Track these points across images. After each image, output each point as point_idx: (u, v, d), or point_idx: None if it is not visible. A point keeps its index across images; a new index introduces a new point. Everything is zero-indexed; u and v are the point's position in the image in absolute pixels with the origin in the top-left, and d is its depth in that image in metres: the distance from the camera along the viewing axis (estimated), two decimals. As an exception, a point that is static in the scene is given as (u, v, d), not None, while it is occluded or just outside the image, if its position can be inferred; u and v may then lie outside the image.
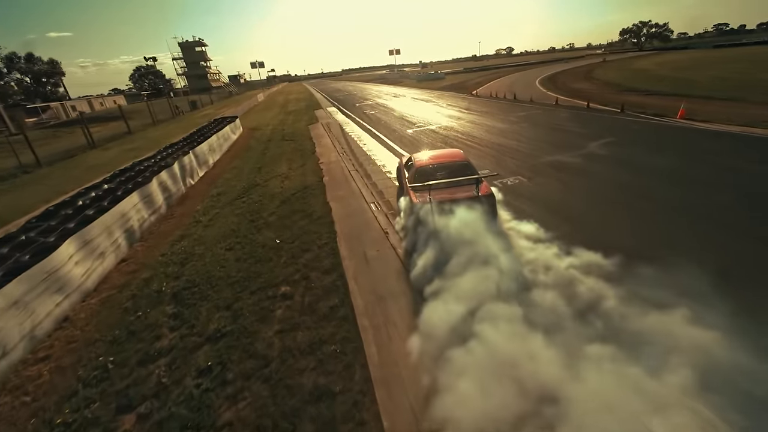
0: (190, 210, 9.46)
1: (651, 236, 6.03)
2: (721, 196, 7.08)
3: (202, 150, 13.41)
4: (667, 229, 6.15)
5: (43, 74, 55.08)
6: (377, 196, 9.02)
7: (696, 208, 6.67)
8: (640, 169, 8.90)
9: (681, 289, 4.02)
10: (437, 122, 18.34)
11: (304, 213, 8.36)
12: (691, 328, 3.60)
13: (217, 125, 19.07)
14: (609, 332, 3.79)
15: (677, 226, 6.19)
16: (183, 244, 7.44)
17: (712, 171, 8.36)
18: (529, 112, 18.41)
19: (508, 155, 11.27)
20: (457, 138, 14.17)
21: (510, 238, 5.96)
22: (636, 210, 6.90)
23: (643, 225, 6.38)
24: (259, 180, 11.43)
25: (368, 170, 11.27)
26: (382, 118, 21.64)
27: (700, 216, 6.41)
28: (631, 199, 7.36)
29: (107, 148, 17.83)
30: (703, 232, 5.93)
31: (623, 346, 3.54)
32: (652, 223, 6.42)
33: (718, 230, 5.93)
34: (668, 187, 7.75)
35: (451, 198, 5.78)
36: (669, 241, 5.79)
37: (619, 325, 3.90)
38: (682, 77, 26.59)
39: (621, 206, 7.12)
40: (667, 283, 4.17)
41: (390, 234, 6.93)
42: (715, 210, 6.54)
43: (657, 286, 4.17)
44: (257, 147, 16.98)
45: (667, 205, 6.92)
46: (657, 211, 6.79)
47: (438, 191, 5.94)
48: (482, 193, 5.87)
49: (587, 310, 4.18)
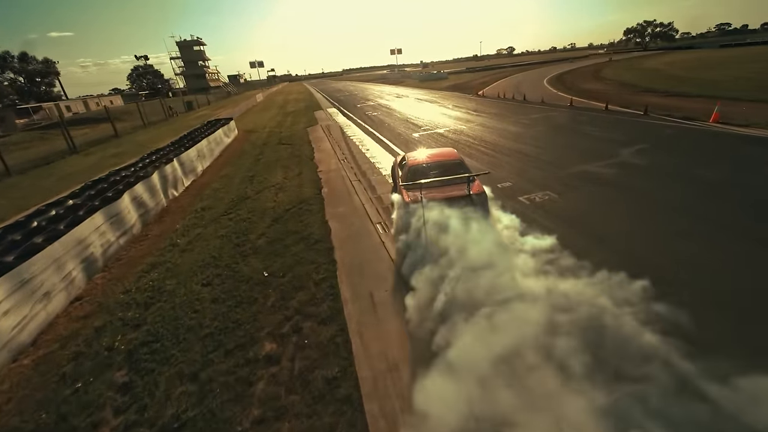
0: (168, 229, 8.23)
1: (740, 280, 4.78)
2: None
3: (189, 157, 12.18)
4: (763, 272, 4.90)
5: (37, 74, 53.85)
6: (384, 213, 7.78)
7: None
8: (689, 183, 7.65)
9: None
10: (445, 125, 17.10)
11: (299, 235, 7.13)
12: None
13: (209, 128, 17.87)
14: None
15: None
16: (153, 275, 6.21)
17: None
18: (543, 114, 17.16)
19: (530, 164, 10.02)
20: (469, 143, 12.93)
21: (549, 278, 4.72)
22: (705, 241, 5.64)
23: (726, 262, 5.12)
24: (250, 191, 10.20)
25: (372, 181, 10.04)
26: (386, 121, 20.40)
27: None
28: (692, 225, 6.10)
29: (89, 153, 16.62)
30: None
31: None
32: (736, 259, 5.17)
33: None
34: (737, 208, 6.49)
35: (443, 197, 5.69)
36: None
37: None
38: (701, 77, 25.31)
39: (684, 236, 5.84)
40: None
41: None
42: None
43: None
44: (251, 152, 15.76)
45: (747, 235, 5.63)
46: (734, 238, 5.54)
47: (430, 190, 5.88)
48: (474, 192, 5.77)
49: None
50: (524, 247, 5.42)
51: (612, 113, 15.98)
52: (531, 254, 5.20)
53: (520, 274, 4.60)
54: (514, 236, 5.85)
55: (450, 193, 5.83)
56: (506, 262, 4.73)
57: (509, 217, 6.46)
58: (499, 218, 6.44)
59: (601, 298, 4.04)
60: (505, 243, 5.53)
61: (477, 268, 4.54)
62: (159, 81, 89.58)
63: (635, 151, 9.97)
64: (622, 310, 3.88)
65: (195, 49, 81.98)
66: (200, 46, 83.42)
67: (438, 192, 5.87)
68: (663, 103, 17.02)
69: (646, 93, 21.27)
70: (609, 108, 16.92)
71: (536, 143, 12.09)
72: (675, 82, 24.37)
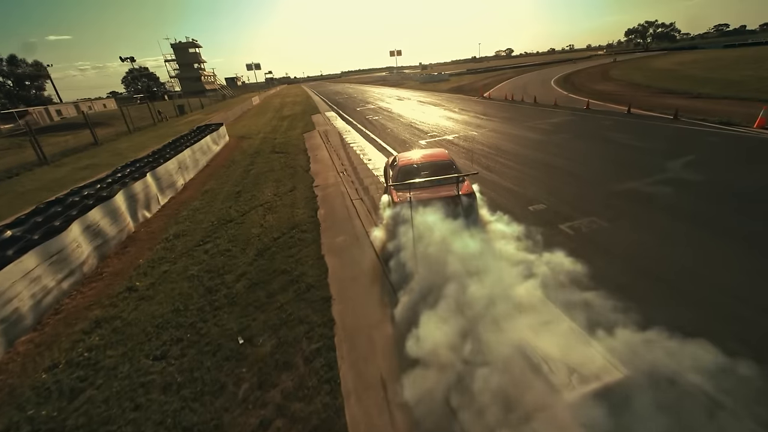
0: (129, 264, 6.75)
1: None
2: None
3: (167, 170, 10.71)
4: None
5: (26, 77, 52.27)
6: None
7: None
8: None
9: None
10: (453, 130, 15.66)
11: (289, 276, 5.67)
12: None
13: (196, 135, 16.43)
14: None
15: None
16: (93, 339, 4.73)
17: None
18: (561, 119, 15.73)
19: (561, 180, 8.58)
20: (485, 153, 11.48)
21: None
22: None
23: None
24: (235, 212, 8.73)
25: (377, 199, 8.57)
26: (388, 126, 18.96)
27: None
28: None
29: (60, 165, 15.11)
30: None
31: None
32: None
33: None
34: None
35: (432, 197, 5.63)
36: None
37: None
38: (720, 78, 23.93)
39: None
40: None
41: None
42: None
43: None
44: (242, 162, 14.29)
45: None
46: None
47: (419, 190, 5.85)
48: (463, 192, 5.69)
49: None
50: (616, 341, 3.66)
51: (637, 117, 14.55)
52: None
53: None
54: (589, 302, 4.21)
55: (439, 193, 5.74)
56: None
57: (567, 261, 4.94)
58: (554, 261, 4.94)
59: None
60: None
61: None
62: (155, 84, 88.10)
63: (684, 165, 8.53)
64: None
65: (190, 51, 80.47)
66: (196, 48, 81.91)
67: (427, 192, 5.80)
68: (690, 105, 15.60)
69: (666, 95, 19.89)
70: (632, 111, 15.50)
71: (563, 153, 10.64)
72: (693, 82, 22.98)
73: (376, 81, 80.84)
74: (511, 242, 5.56)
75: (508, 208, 7.18)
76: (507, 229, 5.92)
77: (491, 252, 5.21)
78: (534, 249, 5.29)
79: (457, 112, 21.26)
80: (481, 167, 9.90)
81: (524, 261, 4.98)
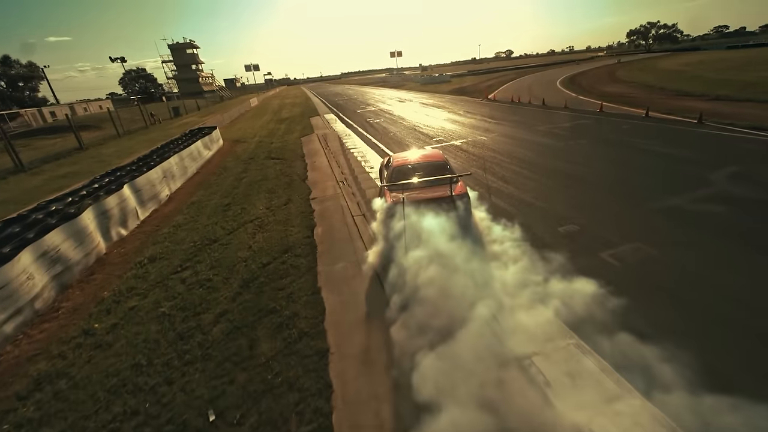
0: (92, 297, 5.75)
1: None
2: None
3: (150, 180, 9.72)
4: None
5: (20, 78, 51.22)
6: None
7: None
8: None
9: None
10: (460, 135, 14.69)
11: (277, 319, 4.68)
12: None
13: (187, 139, 15.46)
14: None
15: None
16: (24, 414, 3.72)
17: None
18: (575, 122, 14.76)
19: (590, 194, 7.61)
20: (497, 160, 10.51)
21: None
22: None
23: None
24: (221, 230, 7.74)
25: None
26: (390, 129, 17.99)
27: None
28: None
29: (38, 172, 14.09)
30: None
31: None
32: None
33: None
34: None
35: (425, 198, 5.57)
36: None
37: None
38: (735, 79, 22.98)
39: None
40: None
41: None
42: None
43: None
44: (234, 169, 13.31)
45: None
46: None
47: (412, 191, 5.80)
48: (456, 193, 5.63)
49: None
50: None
51: (657, 121, 13.59)
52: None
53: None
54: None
55: (432, 194, 5.69)
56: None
57: (625, 308, 3.98)
58: (610, 308, 3.98)
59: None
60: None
61: None
62: (152, 85, 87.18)
63: (730, 177, 7.55)
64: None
65: (188, 52, 79.40)
66: (193, 49, 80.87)
67: (420, 193, 5.76)
68: (711, 108, 14.64)
69: (681, 97, 18.94)
70: (650, 115, 14.54)
71: (585, 162, 9.68)
72: (707, 84, 22.05)
73: (376, 82, 79.96)
74: (548, 279, 4.59)
75: (533, 228, 6.21)
76: (541, 264, 4.94)
77: (528, 291, 4.25)
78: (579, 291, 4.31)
79: (462, 114, 20.29)
80: (496, 178, 8.94)
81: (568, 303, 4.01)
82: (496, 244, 5.59)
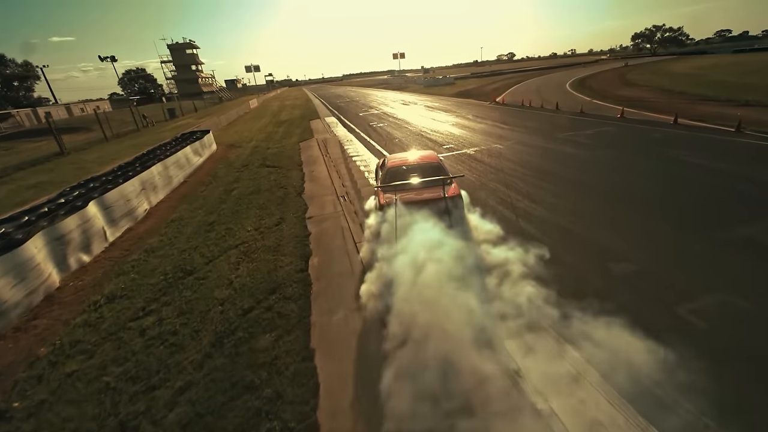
0: (25, 356, 4.54)
1: None
2: None
3: (124, 194, 8.54)
4: None
5: (14, 78, 50.14)
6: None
7: None
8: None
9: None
10: (472, 142, 13.49)
11: (254, 402, 3.49)
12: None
13: (177, 144, 14.31)
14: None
15: None
16: None
17: None
18: (597, 129, 13.55)
19: (638, 219, 6.39)
20: (519, 173, 9.31)
21: None
22: None
23: None
24: (199, 258, 6.55)
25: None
26: (395, 135, 16.81)
27: None
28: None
29: (6, 181, 12.72)
30: None
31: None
32: None
33: None
34: None
35: (418, 199, 5.54)
36: None
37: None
38: (761, 84, 21.78)
39: None
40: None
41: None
42: None
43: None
44: (225, 178, 12.13)
45: None
46: None
47: (405, 192, 5.75)
48: (449, 195, 5.58)
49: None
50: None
51: (690, 129, 12.37)
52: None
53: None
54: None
55: (425, 195, 5.65)
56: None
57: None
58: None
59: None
60: None
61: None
62: (152, 86, 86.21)
63: (808, 200, 6.33)
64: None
65: (187, 52, 78.30)
66: (193, 50, 79.78)
67: (414, 194, 5.71)
68: (747, 115, 13.41)
69: (706, 102, 17.75)
70: (679, 122, 13.33)
71: (621, 177, 8.46)
72: (730, 89, 20.84)
73: (378, 84, 78.88)
74: (614, 363, 3.39)
75: (577, 267, 5.01)
76: (600, 333, 3.72)
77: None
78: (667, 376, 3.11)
79: (471, 119, 19.09)
80: (520, 195, 7.75)
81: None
82: (529, 295, 4.33)
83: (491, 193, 8.13)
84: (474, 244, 5.39)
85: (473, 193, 7.94)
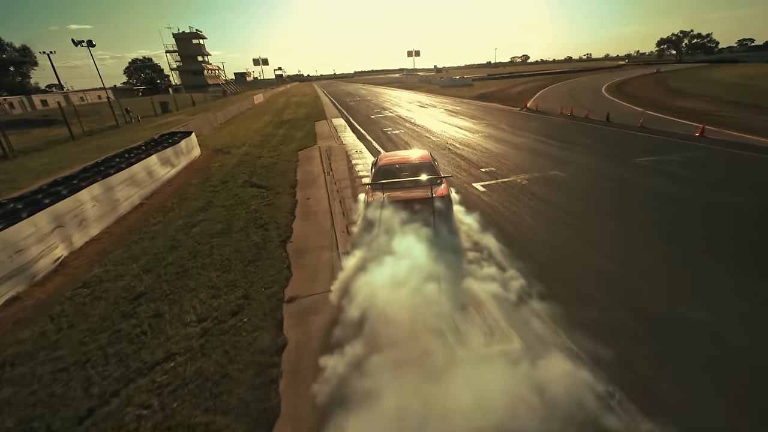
0: None
1: None
2: None
3: (9, 240, 5.57)
4: None
5: (10, 63, 47.75)
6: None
7: None
8: None
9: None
10: (518, 165, 10.36)
11: None
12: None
13: (149, 149, 11.47)
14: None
15: None
16: None
17: None
18: (683, 154, 10.30)
19: None
20: (610, 227, 6.19)
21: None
22: None
23: None
24: (77, 400, 3.53)
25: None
26: (416, 148, 13.69)
27: None
28: None
29: None
30: None
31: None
32: None
33: None
34: None
35: (406, 198, 5.57)
36: None
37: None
38: None
39: None
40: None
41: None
42: None
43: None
44: (194, 201, 9.18)
45: None
46: None
47: (394, 190, 5.81)
48: (438, 195, 5.55)
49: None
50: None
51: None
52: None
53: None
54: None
55: (413, 194, 5.65)
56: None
57: None
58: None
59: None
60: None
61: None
62: (158, 76, 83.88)
63: None
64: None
65: (194, 42, 75.57)
66: (199, 40, 77.00)
67: (402, 192, 5.73)
68: None
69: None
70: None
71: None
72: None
73: (391, 83, 75.57)
74: None
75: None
76: None
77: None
78: None
79: (507, 130, 15.91)
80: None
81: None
82: None
83: (583, 271, 5.01)
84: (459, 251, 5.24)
85: (548, 267, 4.84)
